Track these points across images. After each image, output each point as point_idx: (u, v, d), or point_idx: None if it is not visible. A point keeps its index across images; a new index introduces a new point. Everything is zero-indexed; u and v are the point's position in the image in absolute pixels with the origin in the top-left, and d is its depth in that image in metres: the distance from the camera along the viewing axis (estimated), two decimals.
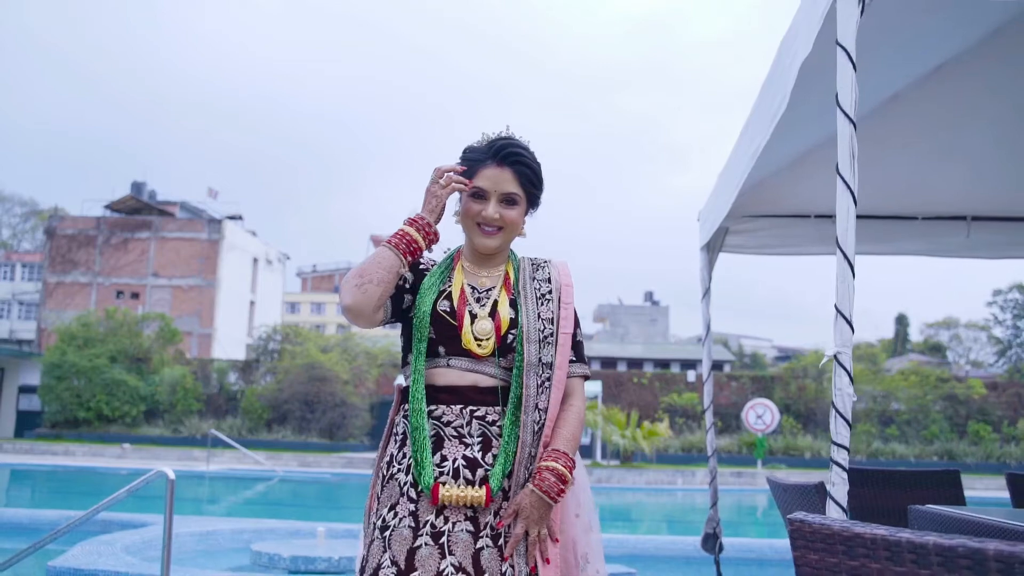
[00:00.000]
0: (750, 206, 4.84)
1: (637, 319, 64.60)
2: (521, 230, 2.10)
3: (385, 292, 1.95)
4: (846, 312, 1.98)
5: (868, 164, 4.51)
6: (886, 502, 4.16)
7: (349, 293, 1.93)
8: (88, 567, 4.98)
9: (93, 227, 42.53)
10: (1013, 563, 1.24)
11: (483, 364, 1.99)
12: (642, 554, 7.32)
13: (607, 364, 42.10)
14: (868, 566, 1.42)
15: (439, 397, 1.98)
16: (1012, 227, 4.97)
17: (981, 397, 27.82)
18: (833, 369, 1.96)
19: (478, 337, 1.98)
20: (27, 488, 17.27)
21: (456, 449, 1.95)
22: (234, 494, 16.35)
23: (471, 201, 2.04)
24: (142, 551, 6.18)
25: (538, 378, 1.97)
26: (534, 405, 1.96)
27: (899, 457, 25.42)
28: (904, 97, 3.74)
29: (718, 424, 27.50)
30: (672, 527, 13.29)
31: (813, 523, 1.52)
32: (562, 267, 2.16)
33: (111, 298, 40.96)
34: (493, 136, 2.07)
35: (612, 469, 21.63)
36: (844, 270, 2.01)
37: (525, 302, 2.05)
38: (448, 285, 2.06)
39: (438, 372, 2.00)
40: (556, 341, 2.02)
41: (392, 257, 1.96)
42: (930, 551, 1.33)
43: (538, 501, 1.90)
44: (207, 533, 7.28)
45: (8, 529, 8.25)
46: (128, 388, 27.36)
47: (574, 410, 2.02)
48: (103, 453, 23.84)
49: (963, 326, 55.14)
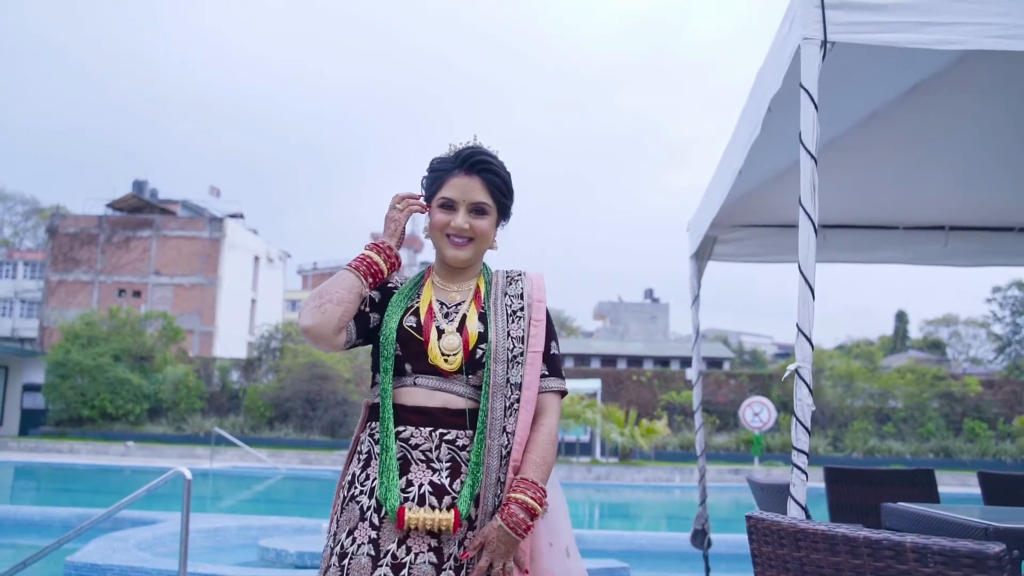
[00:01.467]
0: (737, 216, 5.06)
1: (637, 317, 64.83)
2: (493, 242, 2.05)
3: (346, 313, 1.90)
4: (806, 330, 2.19)
5: (851, 177, 4.75)
6: (864, 499, 4.38)
7: (308, 314, 1.88)
8: (104, 562, 5.20)
9: (95, 225, 42.73)
10: (927, 553, 1.46)
11: (451, 382, 1.92)
12: (637, 549, 7.55)
13: (607, 362, 42.32)
14: (810, 556, 1.65)
15: (408, 418, 1.90)
16: (988, 236, 5.19)
17: (977, 395, 28.04)
18: (794, 382, 2.17)
19: (445, 352, 1.91)
20: (35, 486, 17.51)
21: (423, 474, 1.86)
22: (238, 491, 16.58)
23: (440, 212, 1.99)
24: (153, 547, 6.41)
25: (506, 400, 1.90)
26: (501, 428, 1.88)
27: (895, 454, 25.64)
28: (883, 114, 3.96)
29: (716, 422, 27.72)
30: (670, 524, 13.51)
31: (765, 519, 1.75)
32: (536, 280, 2.09)
33: (113, 296, 41.19)
34: (460, 146, 2.02)
35: (611, 467, 21.88)
36: (805, 292, 2.22)
37: (495, 319, 1.97)
38: (416, 301, 2.01)
39: (405, 391, 1.93)
40: (524, 360, 1.94)
41: (353, 278, 1.93)
42: (860, 544, 1.55)
43: (504, 536, 1.82)
44: (215, 529, 7.51)
45: (22, 526, 8.49)
46: (131, 386, 27.61)
47: (545, 431, 1.93)
48: (107, 451, 24.09)
49: (962, 323, 55.31)
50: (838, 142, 4.21)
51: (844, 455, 25.84)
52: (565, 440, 24.85)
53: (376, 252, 1.99)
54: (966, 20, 2.31)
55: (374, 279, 1.97)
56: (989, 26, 2.30)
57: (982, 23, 2.30)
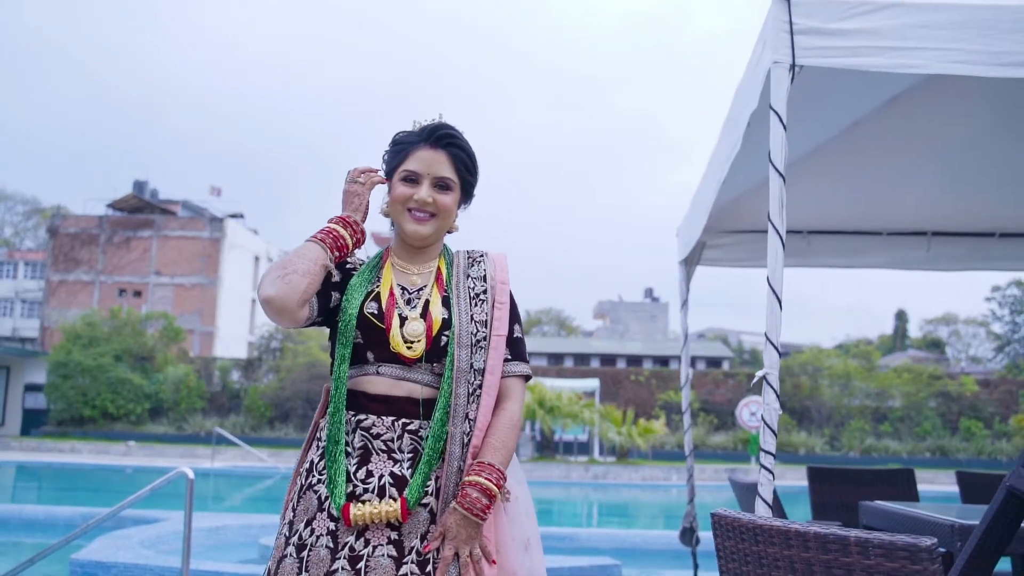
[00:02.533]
0: (724, 222, 5.20)
1: (637, 316, 65.04)
2: (454, 223, 1.99)
3: (311, 285, 1.80)
4: (774, 339, 2.33)
5: (835, 183, 4.89)
6: (845, 498, 4.52)
7: (271, 284, 1.77)
8: (109, 560, 5.34)
9: (95, 226, 42.90)
10: (868, 547, 1.60)
11: (414, 371, 1.86)
12: (630, 547, 7.69)
13: (607, 361, 42.47)
14: (767, 550, 1.79)
15: (370, 406, 1.84)
16: (970, 241, 5.33)
17: (973, 394, 28.21)
18: (763, 388, 2.31)
19: (408, 340, 1.84)
20: (38, 485, 17.65)
21: (384, 465, 1.80)
22: (238, 490, 16.72)
23: (402, 185, 1.92)
24: (156, 545, 6.55)
25: (469, 386, 1.84)
26: (463, 415, 1.82)
27: (892, 453, 25.79)
28: (866, 123, 4.10)
29: (714, 421, 27.87)
30: (666, 522, 13.65)
31: (727, 516, 1.89)
32: (499, 261, 2.01)
33: (113, 296, 41.36)
34: (425, 122, 1.97)
35: (608, 466, 22.03)
36: (772, 304, 2.35)
37: (457, 302, 1.91)
38: (376, 285, 1.92)
39: (367, 380, 1.87)
40: (488, 345, 1.88)
41: (318, 250, 1.84)
42: (810, 538, 1.69)
43: (462, 519, 1.75)
44: (216, 528, 7.65)
45: (26, 525, 8.64)
46: (133, 386, 27.79)
47: (507, 415, 1.87)
48: (109, 451, 24.26)
49: (962, 322, 55.49)
50: (822, 150, 4.35)
51: (841, 454, 26.00)
52: (563, 439, 24.99)
53: (343, 226, 1.90)
54: (926, 45, 2.44)
55: (340, 253, 1.89)
56: (947, 51, 2.43)
57: (940, 48, 2.44)
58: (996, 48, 2.43)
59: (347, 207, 1.96)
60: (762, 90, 2.69)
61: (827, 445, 26.74)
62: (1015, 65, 2.43)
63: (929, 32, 2.44)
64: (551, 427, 23.03)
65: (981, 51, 2.44)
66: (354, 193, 1.96)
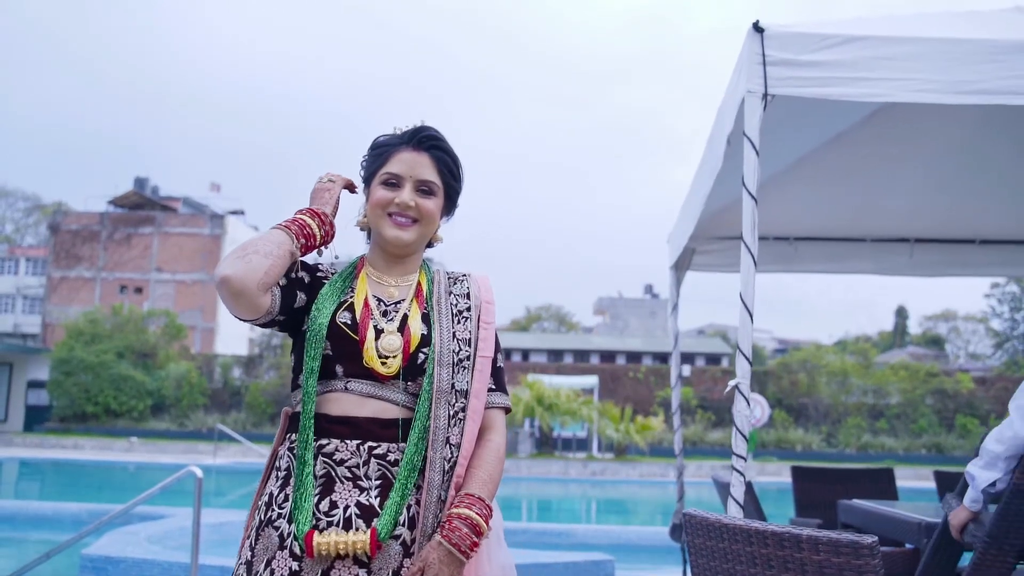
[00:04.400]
0: (714, 229, 5.37)
1: (637, 312, 65.25)
2: (437, 234, 1.87)
3: (273, 268, 1.64)
4: (745, 351, 2.50)
5: (819, 192, 5.07)
6: (828, 496, 4.71)
7: (229, 263, 1.61)
8: (118, 555, 5.53)
9: (96, 222, 43.09)
10: (817, 543, 1.78)
11: (387, 389, 1.70)
12: (624, 543, 7.89)
13: (606, 357, 42.67)
14: (731, 547, 1.97)
15: (332, 429, 1.67)
16: (951, 248, 5.50)
17: (969, 391, 28.41)
18: (735, 396, 2.49)
19: (383, 354, 1.69)
20: (42, 481, 17.86)
21: (349, 494, 1.64)
22: (240, 487, 16.90)
23: (382, 189, 1.79)
24: (163, 540, 6.74)
25: (450, 408, 1.69)
26: (444, 440, 1.67)
27: (888, 450, 26.00)
28: (849, 135, 4.28)
29: (712, 418, 28.06)
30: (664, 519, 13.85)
31: (697, 516, 2.07)
32: (483, 282, 1.90)
33: (115, 293, 41.57)
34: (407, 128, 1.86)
35: (607, 462, 22.25)
36: (745, 319, 2.52)
37: (439, 318, 1.78)
38: (350, 295, 1.78)
39: (332, 398, 1.70)
40: (473, 366, 1.75)
41: (284, 236, 1.69)
42: (768, 536, 1.87)
43: (447, 556, 1.59)
44: (220, 524, 7.84)
45: (34, 521, 8.83)
46: (135, 383, 28.02)
47: (493, 447, 1.74)
48: (111, 447, 24.48)
49: (961, 319, 55.67)
50: (807, 160, 4.53)
51: (837, 451, 26.21)
52: (562, 436, 25.20)
53: (310, 216, 1.76)
54: (890, 76, 2.62)
55: (307, 243, 1.73)
56: (910, 81, 2.61)
57: (904, 78, 2.61)
58: (955, 77, 2.61)
59: (315, 202, 1.83)
60: (736, 115, 2.86)
61: (824, 442, 26.95)
62: (973, 93, 2.61)
63: (893, 63, 2.61)
64: (550, 424, 23.25)
65: (942, 80, 2.61)
66: (324, 189, 1.85)
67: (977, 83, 2.59)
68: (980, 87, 2.59)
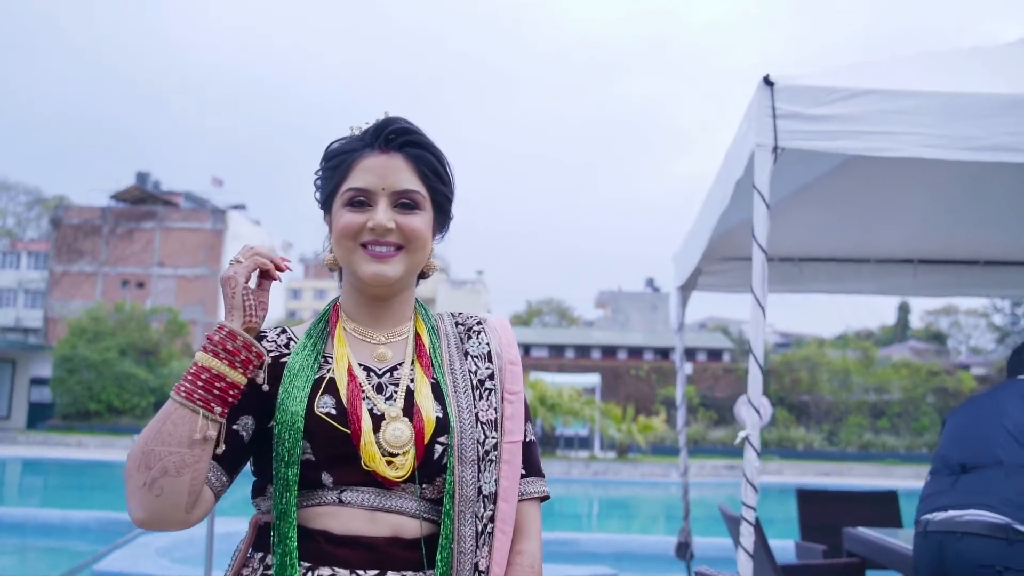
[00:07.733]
0: (720, 250, 5.41)
1: (638, 306, 65.24)
2: (431, 260, 1.39)
3: (195, 480, 1.19)
4: (756, 403, 2.54)
5: (825, 215, 5.11)
6: (830, 519, 4.77)
7: (139, 503, 1.19)
8: (130, 570, 5.59)
9: (98, 217, 43.17)
10: None
11: (396, 497, 1.25)
12: (627, 552, 7.95)
13: (607, 353, 42.70)
14: None
15: (337, 554, 1.22)
16: (955, 269, 5.54)
17: (971, 389, 28.46)
18: (744, 447, 2.53)
19: (390, 451, 1.23)
20: (45, 480, 17.93)
21: None
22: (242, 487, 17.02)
23: (348, 211, 1.31)
24: (171, 553, 6.79)
25: (477, 521, 1.26)
26: (471, 567, 1.25)
27: (889, 449, 26.08)
28: (854, 161, 4.32)
29: (713, 416, 28.13)
30: (666, 520, 13.92)
31: (709, 573, 2.13)
32: (504, 332, 1.43)
33: (117, 287, 41.66)
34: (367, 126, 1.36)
35: (608, 462, 22.34)
36: (755, 373, 2.56)
37: (455, 393, 1.32)
38: (327, 368, 1.30)
39: (329, 513, 1.24)
40: (499, 457, 1.31)
41: (190, 418, 1.18)
42: None
43: None
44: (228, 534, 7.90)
45: (42, 529, 8.90)
46: (137, 380, 28.14)
47: (526, 562, 1.32)
48: (114, 444, 24.55)
49: (963, 313, 55.83)
50: (813, 185, 4.57)
51: (839, 449, 26.29)
52: (564, 434, 25.29)
53: (216, 355, 1.20)
54: (896, 130, 2.65)
55: (224, 402, 1.20)
56: (916, 135, 2.64)
57: (912, 133, 2.64)
58: (963, 133, 2.64)
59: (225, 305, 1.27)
60: (746, 164, 2.90)
61: (825, 440, 27.04)
62: (979, 149, 2.64)
63: (900, 116, 2.64)
64: (552, 423, 23.34)
65: (949, 135, 2.65)
66: (227, 282, 1.26)
67: (984, 139, 2.63)
68: (986, 143, 2.63)
